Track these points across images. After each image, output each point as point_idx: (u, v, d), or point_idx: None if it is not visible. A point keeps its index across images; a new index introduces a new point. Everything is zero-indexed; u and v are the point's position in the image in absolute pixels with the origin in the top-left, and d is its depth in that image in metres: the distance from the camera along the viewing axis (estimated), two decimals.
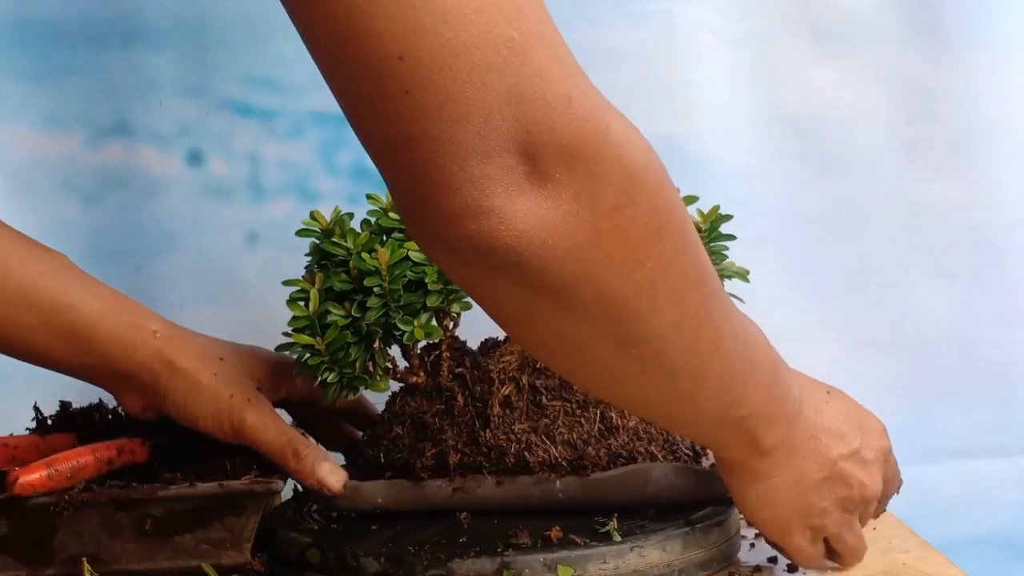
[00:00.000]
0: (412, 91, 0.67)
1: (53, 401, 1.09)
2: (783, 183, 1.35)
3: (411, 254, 0.98)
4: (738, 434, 0.89)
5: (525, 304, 0.74)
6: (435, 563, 0.94)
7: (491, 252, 0.70)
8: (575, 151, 0.70)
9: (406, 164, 0.69)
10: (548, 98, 0.68)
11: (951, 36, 1.34)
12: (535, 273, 0.71)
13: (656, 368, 0.80)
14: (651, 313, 0.76)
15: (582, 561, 0.94)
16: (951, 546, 1.08)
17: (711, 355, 0.82)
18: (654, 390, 0.82)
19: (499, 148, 0.68)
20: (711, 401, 0.85)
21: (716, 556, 0.99)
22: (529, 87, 0.68)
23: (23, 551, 0.96)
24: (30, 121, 1.26)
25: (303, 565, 0.98)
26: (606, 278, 0.73)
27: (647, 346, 0.78)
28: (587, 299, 0.74)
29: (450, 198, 0.69)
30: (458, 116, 0.67)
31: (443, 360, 1.03)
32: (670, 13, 1.32)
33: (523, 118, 0.68)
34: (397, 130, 0.68)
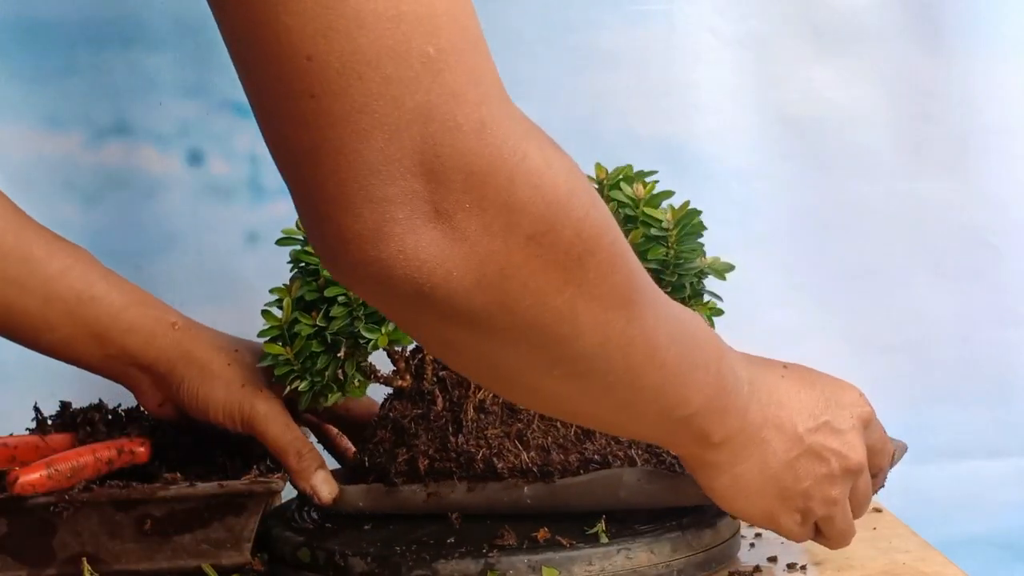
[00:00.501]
0: (318, 96, 0.64)
1: (53, 401, 1.09)
2: (783, 183, 1.36)
3: None
4: (687, 432, 0.86)
5: (440, 332, 0.71)
6: (420, 563, 0.94)
7: (391, 282, 0.67)
8: (487, 179, 0.66)
9: (309, 176, 0.66)
10: (460, 121, 0.65)
11: (951, 37, 1.34)
12: (443, 303, 0.68)
13: (587, 386, 0.77)
14: (574, 337, 0.73)
15: (567, 563, 0.94)
16: (949, 546, 1.08)
17: (645, 368, 0.79)
18: (588, 405, 0.80)
19: (404, 170, 0.64)
20: (651, 407, 0.82)
21: (715, 556, 0.99)
22: (440, 107, 0.64)
23: (23, 551, 0.96)
24: (30, 121, 1.26)
25: (295, 564, 0.99)
26: (521, 307, 0.70)
27: (574, 367, 0.75)
28: (504, 327, 0.71)
29: (350, 219, 0.65)
30: (363, 129, 0.64)
31: (426, 364, 1.03)
32: (670, 14, 1.32)
33: (431, 139, 0.64)
34: (301, 138, 0.65)
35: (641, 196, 0.99)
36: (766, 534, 1.08)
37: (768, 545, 1.05)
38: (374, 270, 0.66)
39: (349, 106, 0.64)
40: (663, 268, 0.98)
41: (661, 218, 0.98)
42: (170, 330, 1.03)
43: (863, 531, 1.09)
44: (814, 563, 1.01)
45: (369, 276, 0.67)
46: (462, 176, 0.66)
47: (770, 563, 1.01)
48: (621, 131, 1.32)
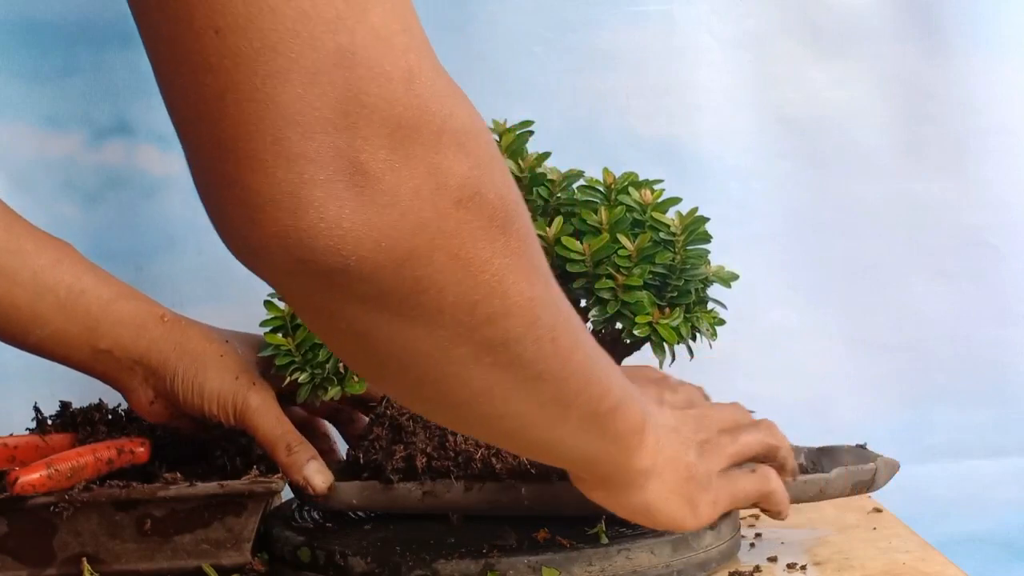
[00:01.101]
0: (224, 32, 0.56)
1: (53, 401, 1.09)
2: (782, 183, 1.36)
3: None
4: (613, 431, 0.80)
5: (355, 318, 0.63)
6: (420, 563, 0.94)
7: (309, 256, 0.58)
8: (415, 135, 0.59)
9: (212, 131, 0.57)
10: (387, 67, 0.58)
11: (949, 37, 1.34)
12: (366, 281, 0.60)
13: (517, 376, 0.70)
14: (504, 315, 0.66)
15: (567, 563, 0.94)
16: (948, 545, 1.08)
17: (572, 351, 0.73)
18: (516, 402, 0.72)
19: (325, 122, 0.57)
20: (580, 398, 0.75)
21: (715, 556, 0.99)
22: (366, 51, 0.57)
23: (23, 551, 0.96)
24: (31, 121, 1.26)
25: (296, 563, 0.99)
26: (452, 282, 0.63)
27: (505, 352, 0.68)
28: (431, 308, 0.63)
29: (260, 179, 0.57)
30: (277, 71, 0.56)
31: None
32: (669, 14, 1.32)
33: (356, 87, 0.57)
34: (204, 83, 0.56)
35: (649, 201, 0.99)
36: (766, 534, 1.08)
37: (768, 545, 1.05)
38: (289, 243, 0.58)
39: (261, 42, 0.56)
40: (670, 273, 0.98)
41: (669, 223, 0.98)
42: (160, 322, 1.03)
43: (863, 531, 1.09)
44: (814, 563, 1.02)
45: (282, 251, 0.58)
46: (389, 130, 0.58)
47: (770, 563, 1.02)
48: (621, 131, 1.33)
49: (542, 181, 1.01)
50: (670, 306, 0.98)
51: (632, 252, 0.97)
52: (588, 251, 0.97)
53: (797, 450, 1.07)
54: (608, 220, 0.98)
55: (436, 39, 1.42)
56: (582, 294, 0.99)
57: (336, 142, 0.57)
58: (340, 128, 0.57)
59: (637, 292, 0.97)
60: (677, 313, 0.98)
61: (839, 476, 1.01)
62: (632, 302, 0.97)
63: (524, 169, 1.01)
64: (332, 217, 0.58)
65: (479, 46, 1.31)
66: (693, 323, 0.99)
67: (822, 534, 1.09)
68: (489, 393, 0.71)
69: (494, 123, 1.03)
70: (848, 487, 1.02)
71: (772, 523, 1.11)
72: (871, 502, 1.15)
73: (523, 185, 1.01)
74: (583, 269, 0.98)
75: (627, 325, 0.98)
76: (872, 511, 1.14)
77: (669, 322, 0.97)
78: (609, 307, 0.97)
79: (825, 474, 1.01)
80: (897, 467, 1.04)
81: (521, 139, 1.02)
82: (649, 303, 0.97)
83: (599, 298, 0.97)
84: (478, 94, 1.32)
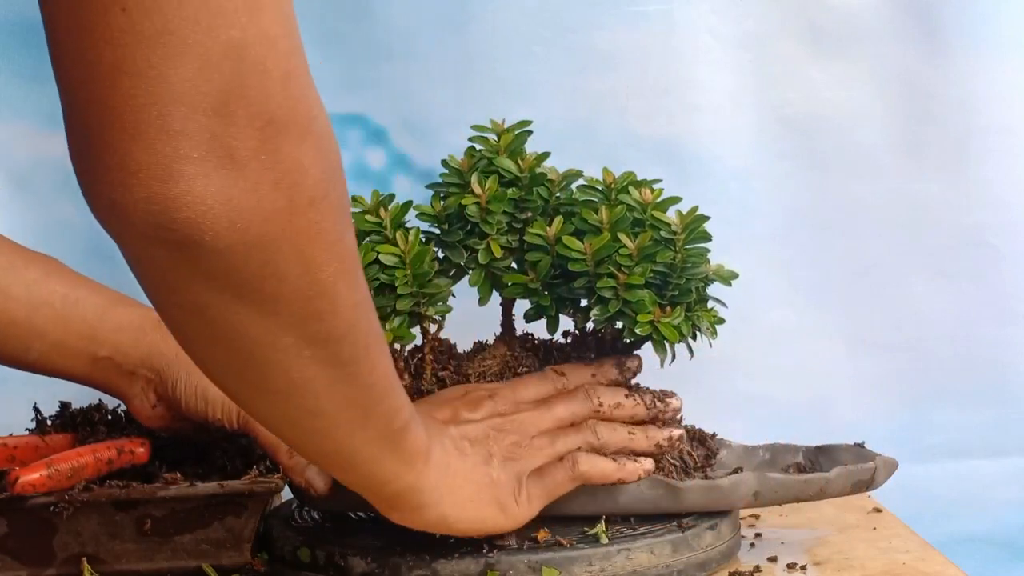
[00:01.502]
0: (131, 10, 0.61)
1: (53, 401, 1.09)
2: (782, 183, 1.36)
3: (381, 257, 0.98)
4: (404, 447, 0.86)
5: (197, 292, 0.68)
6: (420, 563, 0.94)
7: (170, 224, 0.63)
8: (284, 131, 0.65)
9: (101, 98, 0.62)
10: (269, 66, 0.64)
11: (949, 37, 1.34)
12: (216, 257, 0.65)
13: (331, 373, 0.76)
14: (331, 314, 0.73)
15: (567, 563, 0.94)
16: (948, 545, 1.08)
17: (380, 359, 0.80)
18: (326, 399, 0.78)
19: (207, 106, 0.62)
20: (378, 408, 0.82)
21: (715, 556, 0.99)
22: (254, 48, 0.63)
23: (23, 551, 0.96)
24: (31, 121, 1.26)
25: (295, 563, 0.99)
26: (292, 275, 0.69)
27: (324, 349, 0.74)
28: (269, 295, 0.69)
29: (139, 149, 0.62)
30: (173, 53, 0.61)
31: (426, 363, 1.03)
32: (669, 14, 1.32)
33: (240, 79, 0.63)
34: (103, 54, 0.61)
35: (649, 201, 0.99)
36: (766, 534, 1.08)
37: (768, 545, 1.06)
38: (155, 208, 0.63)
39: (162, 25, 0.61)
40: (670, 271, 0.98)
41: (669, 222, 0.99)
42: (158, 327, 1.01)
43: (863, 531, 1.09)
44: (814, 563, 1.02)
45: (146, 215, 0.63)
46: (262, 123, 0.64)
47: (770, 563, 1.02)
48: (620, 131, 1.33)
49: (541, 181, 1.01)
50: (671, 305, 0.98)
51: (633, 251, 0.97)
52: (589, 250, 0.97)
53: (796, 449, 1.07)
54: (609, 219, 0.98)
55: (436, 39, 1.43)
56: (583, 293, 1.00)
57: (214, 125, 0.63)
58: (220, 114, 0.63)
59: (639, 291, 0.97)
60: (678, 312, 0.98)
61: (839, 475, 1.01)
62: (634, 301, 0.97)
63: (524, 169, 1.01)
64: (198, 192, 0.63)
65: (479, 46, 1.31)
66: (694, 322, 0.99)
67: (822, 534, 1.09)
68: (305, 387, 0.76)
69: (492, 123, 1.03)
70: (848, 486, 1.02)
71: (772, 523, 1.11)
72: (871, 502, 1.15)
73: (522, 185, 1.01)
74: (584, 268, 0.98)
75: (628, 324, 0.98)
76: (872, 511, 1.14)
77: (670, 321, 0.97)
78: (611, 306, 0.97)
79: (825, 473, 1.01)
80: (896, 466, 1.04)
81: (520, 139, 1.02)
82: (650, 302, 0.97)
83: (601, 297, 0.98)
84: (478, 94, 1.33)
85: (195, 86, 0.62)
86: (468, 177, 1.01)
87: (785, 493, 1.00)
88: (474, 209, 1.00)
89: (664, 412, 1.01)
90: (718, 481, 0.99)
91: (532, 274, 1.00)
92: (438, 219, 1.01)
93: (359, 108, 1.32)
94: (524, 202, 1.01)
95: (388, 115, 1.32)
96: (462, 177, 1.01)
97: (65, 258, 1.05)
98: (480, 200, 1.00)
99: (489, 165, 1.01)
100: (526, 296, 1.01)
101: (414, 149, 1.33)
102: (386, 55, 1.31)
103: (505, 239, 1.01)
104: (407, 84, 1.31)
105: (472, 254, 1.01)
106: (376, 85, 1.32)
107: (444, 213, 1.01)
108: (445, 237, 1.01)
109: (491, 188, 1.00)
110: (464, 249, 1.01)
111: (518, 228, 1.01)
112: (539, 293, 1.01)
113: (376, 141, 1.33)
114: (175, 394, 1.02)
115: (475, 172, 1.01)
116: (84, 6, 0.61)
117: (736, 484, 0.99)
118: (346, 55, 1.31)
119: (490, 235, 1.00)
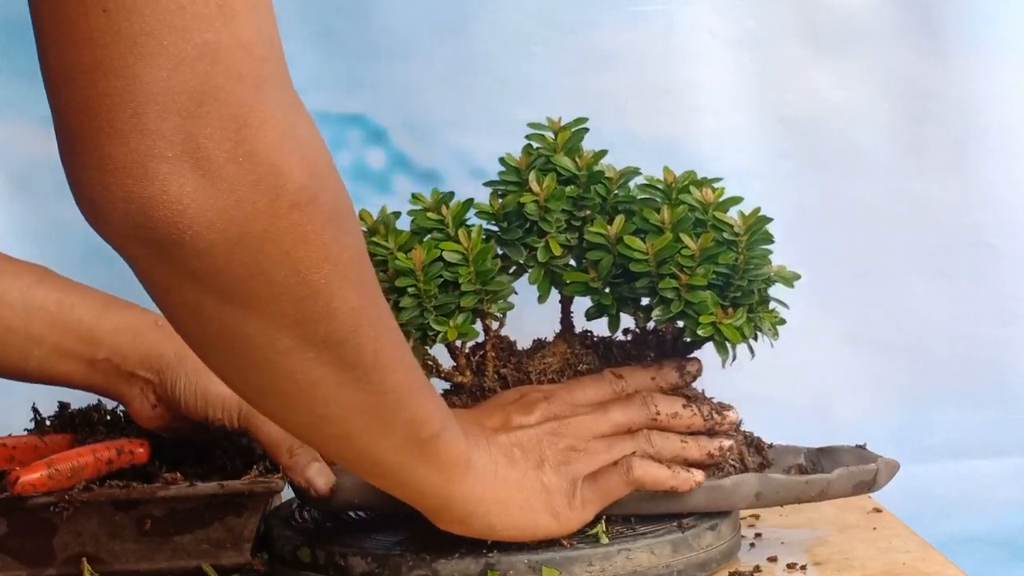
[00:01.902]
0: (111, 12, 0.63)
1: (52, 401, 1.09)
2: (782, 183, 1.36)
3: (445, 254, 0.98)
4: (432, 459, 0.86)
5: (188, 293, 0.69)
6: (420, 563, 0.94)
7: (148, 223, 0.65)
8: (259, 134, 0.66)
9: (82, 97, 0.64)
10: (243, 71, 0.65)
11: (949, 37, 1.34)
12: (199, 257, 0.66)
13: (337, 377, 0.76)
14: (328, 318, 0.73)
15: (567, 563, 0.94)
16: (948, 545, 1.08)
17: (394, 365, 0.79)
18: (337, 404, 0.78)
19: (181, 106, 0.64)
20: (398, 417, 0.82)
21: (715, 556, 0.99)
22: (227, 52, 0.64)
23: (23, 551, 0.96)
24: (30, 121, 1.26)
25: (296, 563, 0.99)
26: (279, 276, 0.70)
27: (326, 352, 0.74)
28: (258, 295, 0.70)
29: (116, 146, 0.64)
30: (148, 53, 0.63)
31: (488, 360, 1.03)
32: (669, 14, 1.32)
33: (212, 81, 0.64)
34: (83, 54, 0.63)
35: (710, 201, 0.99)
36: (766, 534, 1.08)
37: (768, 545, 1.06)
38: (132, 208, 0.64)
39: (139, 27, 0.63)
40: (732, 273, 0.98)
41: (732, 223, 0.99)
42: (155, 327, 1.02)
43: (863, 531, 1.09)
44: (814, 563, 1.02)
45: (124, 215, 0.65)
46: (235, 126, 0.65)
47: (770, 563, 1.01)
48: (620, 131, 1.32)
49: (599, 179, 1.01)
50: (733, 306, 0.98)
51: (695, 252, 0.97)
52: (651, 251, 0.97)
53: (797, 450, 1.07)
54: (671, 219, 0.98)
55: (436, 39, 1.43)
56: (644, 292, 1.00)
57: (188, 126, 0.64)
58: (193, 115, 0.64)
59: (701, 292, 0.97)
60: (740, 313, 0.98)
61: (841, 476, 1.01)
62: (696, 302, 0.97)
63: (581, 167, 1.01)
64: (174, 191, 0.64)
65: (479, 46, 1.31)
66: (756, 323, 0.99)
67: (822, 534, 1.09)
68: (312, 389, 0.76)
69: (548, 120, 1.03)
70: (850, 487, 1.02)
71: (772, 523, 1.11)
72: (871, 502, 1.15)
73: (580, 183, 1.01)
74: (646, 269, 0.97)
75: (690, 325, 0.98)
76: (872, 511, 1.14)
77: (732, 322, 0.97)
78: (673, 306, 0.97)
79: (827, 475, 1.01)
80: (897, 467, 1.04)
81: (577, 136, 1.02)
82: (712, 303, 0.97)
83: (663, 297, 0.98)
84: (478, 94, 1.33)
85: (168, 86, 0.63)
86: (526, 175, 1.01)
87: (787, 494, 1.00)
88: (533, 207, 1.00)
89: (720, 424, 1.01)
90: (720, 481, 0.99)
91: (593, 273, 1.00)
92: (496, 217, 1.01)
93: (359, 108, 1.32)
94: (582, 200, 1.01)
95: (388, 115, 1.32)
96: (520, 175, 1.01)
97: (64, 259, 1.05)
98: (539, 198, 1.00)
99: (547, 163, 1.01)
100: (587, 294, 1.01)
101: (414, 149, 1.32)
102: (386, 55, 1.31)
103: (563, 237, 1.00)
104: (407, 84, 1.31)
105: (531, 252, 1.01)
106: (376, 85, 1.32)
107: (503, 211, 1.01)
108: (504, 235, 1.01)
109: (549, 186, 0.99)
110: (523, 247, 1.01)
111: (576, 226, 1.01)
112: (600, 292, 1.01)
113: (376, 141, 1.33)
114: (175, 394, 1.01)
115: (533, 170, 1.01)
116: (68, 6, 0.63)
117: (738, 485, 0.99)
118: (346, 55, 1.31)
119: (549, 233, 1.00)
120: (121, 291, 1.03)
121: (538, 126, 1.03)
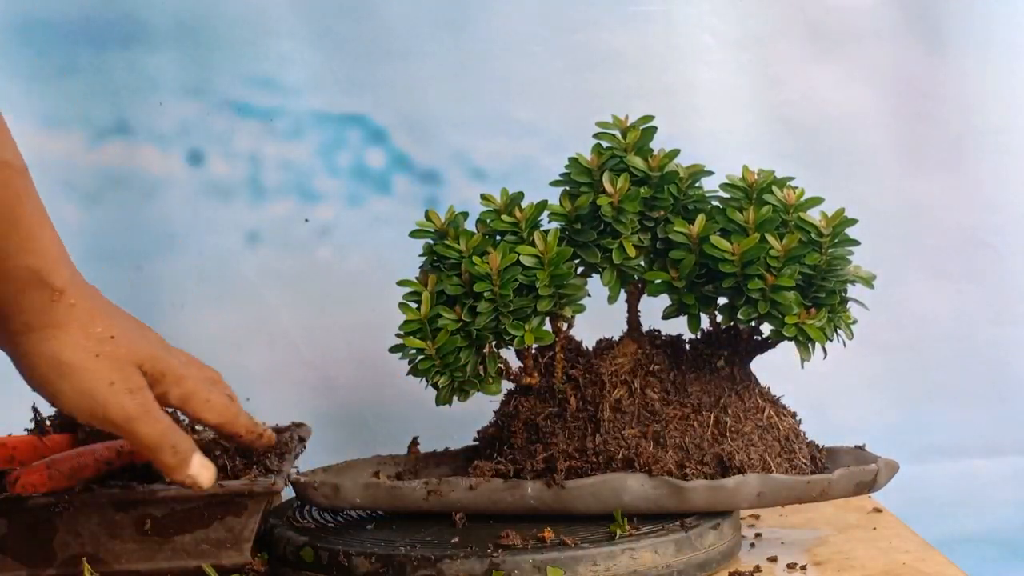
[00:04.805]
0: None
1: None
2: None
3: (522, 258, 0.98)
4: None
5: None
6: (425, 563, 0.94)
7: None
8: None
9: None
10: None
11: (948, 38, 1.34)
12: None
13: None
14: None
15: (572, 563, 0.94)
16: (947, 544, 1.08)
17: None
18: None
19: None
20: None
21: (715, 556, 0.99)
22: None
23: (23, 551, 0.96)
24: (30, 121, 1.26)
25: (298, 563, 0.99)
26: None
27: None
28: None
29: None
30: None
31: (557, 362, 1.03)
32: (669, 15, 1.33)
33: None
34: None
35: (792, 201, 0.99)
36: (766, 534, 1.08)
37: (768, 545, 1.06)
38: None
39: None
40: (815, 273, 0.98)
41: (817, 224, 0.99)
42: None
43: (863, 531, 1.09)
44: (814, 563, 1.02)
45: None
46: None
47: (770, 563, 1.02)
48: None
49: (672, 179, 1.01)
50: (815, 306, 0.98)
51: (780, 253, 0.97)
52: (738, 251, 0.97)
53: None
54: (755, 220, 0.98)
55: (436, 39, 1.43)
56: (728, 293, 0.99)
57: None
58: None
59: (786, 293, 0.97)
60: (823, 314, 0.98)
61: (842, 477, 1.01)
62: (782, 303, 0.97)
63: (653, 167, 1.01)
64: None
65: (479, 46, 1.31)
66: (835, 323, 0.99)
67: (822, 534, 1.09)
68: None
69: (614, 119, 1.02)
70: (850, 488, 1.02)
71: (772, 523, 1.11)
72: (871, 502, 1.16)
73: (652, 183, 1.00)
74: (733, 269, 0.97)
75: (775, 325, 0.98)
76: (872, 511, 1.14)
77: (815, 322, 0.98)
78: (760, 307, 0.97)
79: (829, 475, 1.01)
80: (897, 468, 1.04)
81: (647, 135, 1.02)
82: (796, 303, 0.97)
83: (749, 298, 0.98)
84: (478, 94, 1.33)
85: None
86: (598, 176, 1.00)
87: (788, 494, 1.01)
88: (608, 209, 0.99)
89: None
90: (723, 481, 0.99)
91: (675, 272, 1.00)
92: (569, 218, 1.01)
93: (359, 108, 1.32)
94: (655, 200, 1.00)
95: (388, 115, 1.32)
96: (591, 176, 1.01)
97: None
98: (613, 200, 0.99)
99: (619, 163, 1.01)
100: (669, 294, 1.01)
101: (414, 149, 1.32)
102: (386, 55, 1.31)
103: (637, 238, 1.00)
104: (407, 84, 1.31)
105: (605, 253, 1.01)
106: (376, 85, 1.32)
107: (575, 213, 1.01)
108: (577, 236, 1.01)
109: (623, 187, 0.99)
110: (597, 248, 1.01)
111: (650, 227, 1.01)
112: (682, 292, 1.01)
113: (376, 141, 1.33)
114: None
115: (605, 171, 1.00)
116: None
117: (740, 484, 0.99)
118: (346, 55, 1.31)
119: (623, 235, 1.00)
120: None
121: (606, 124, 1.02)
